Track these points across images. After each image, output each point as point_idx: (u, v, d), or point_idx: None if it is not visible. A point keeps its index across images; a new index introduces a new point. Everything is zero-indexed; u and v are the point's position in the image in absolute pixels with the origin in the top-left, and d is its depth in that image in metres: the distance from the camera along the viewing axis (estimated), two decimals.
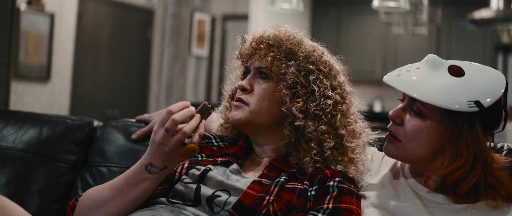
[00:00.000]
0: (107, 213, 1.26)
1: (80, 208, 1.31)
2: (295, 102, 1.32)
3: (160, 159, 1.21)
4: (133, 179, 1.24)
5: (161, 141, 1.18)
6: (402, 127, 1.25)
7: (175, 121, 1.16)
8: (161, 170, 1.23)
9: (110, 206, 1.26)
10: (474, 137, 1.20)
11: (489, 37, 6.85)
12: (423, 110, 1.22)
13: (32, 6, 5.07)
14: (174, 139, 1.17)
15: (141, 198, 1.26)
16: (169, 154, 1.19)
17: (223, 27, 7.65)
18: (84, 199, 1.31)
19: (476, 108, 1.17)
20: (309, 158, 1.30)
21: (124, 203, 1.25)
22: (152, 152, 1.21)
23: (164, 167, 1.23)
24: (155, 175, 1.23)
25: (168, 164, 1.22)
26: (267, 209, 1.20)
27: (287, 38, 1.37)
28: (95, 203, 1.28)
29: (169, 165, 1.23)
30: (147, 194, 1.27)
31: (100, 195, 1.28)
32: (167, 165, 1.22)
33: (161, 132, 1.17)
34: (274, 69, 1.34)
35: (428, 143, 1.23)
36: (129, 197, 1.25)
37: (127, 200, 1.25)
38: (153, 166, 1.22)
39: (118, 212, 1.26)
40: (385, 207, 1.25)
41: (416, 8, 5.65)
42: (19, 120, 1.79)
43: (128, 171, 1.26)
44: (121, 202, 1.25)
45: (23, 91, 5.12)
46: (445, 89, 1.19)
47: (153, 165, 1.22)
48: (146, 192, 1.26)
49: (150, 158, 1.22)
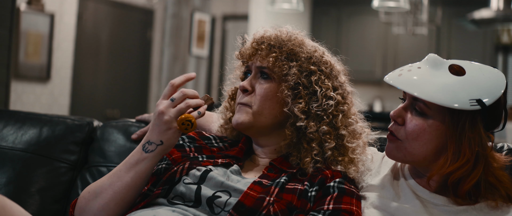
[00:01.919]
0: (105, 200, 1.27)
1: (81, 202, 1.31)
2: (297, 103, 1.32)
3: (158, 131, 1.24)
4: (130, 162, 1.27)
5: (163, 109, 1.22)
6: (403, 127, 1.25)
7: (183, 94, 1.23)
8: (157, 146, 1.25)
9: (108, 193, 1.27)
10: (476, 135, 1.20)
11: (489, 37, 6.85)
12: (425, 109, 1.22)
13: (32, 6, 5.07)
14: (175, 108, 1.22)
15: (137, 182, 1.27)
16: (167, 124, 1.22)
17: (223, 27, 7.65)
18: (84, 193, 1.32)
19: (478, 106, 1.17)
20: (309, 158, 1.30)
21: (122, 188, 1.26)
22: (151, 126, 1.25)
23: (160, 142, 1.24)
24: (151, 154, 1.25)
25: (164, 138, 1.24)
26: (267, 210, 1.20)
27: (288, 38, 1.37)
28: (94, 192, 1.29)
29: (166, 140, 1.24)
30: (143, 178, 1.27)
31: (99, 183, 1.30)
32: (163, 139, 1.24)
33: (165, 101, 1.23)
34: (276, 70, 1.33)
35: (430, 142, 1.22)
36: (126, 179, 1.26)
37: (124, 183, 1.26)
38: (150, 143, 1.25)
39: (116, 198, 1.27)
40: (385, 208, 1.25)
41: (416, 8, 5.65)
42: (19, 120, 1.79)
43: (127, 157, 1.29)
44: (118, 187, 1.26)
45: (23, 91, 5.12)
46: (447, 88, 1.19)
47: (150, 142, 1.25)
48: (142, 175, 1.27)
49: (148, 135, 1.26)
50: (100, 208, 1.28)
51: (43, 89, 5.33)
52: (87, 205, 1.29)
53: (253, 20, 6.63)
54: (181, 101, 1.23)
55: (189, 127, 1.22)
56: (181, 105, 1.22)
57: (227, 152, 1.40)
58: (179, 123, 1.22)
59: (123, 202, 1.28)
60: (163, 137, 1.24)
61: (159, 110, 1.22)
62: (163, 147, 1.25)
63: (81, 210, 1.31)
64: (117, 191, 1.27)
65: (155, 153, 1.25)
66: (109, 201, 1.27)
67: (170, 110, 1.22)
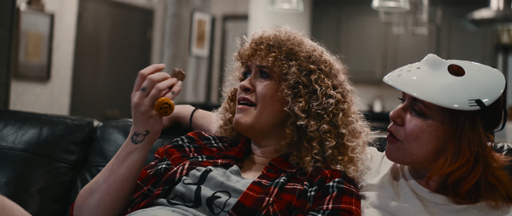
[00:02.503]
0: (100, 195, 1.29)
1: (78, 201, 1.34)
2: (297, 102, 1.32)
3: (141, 123, 1.26)
4: (121, 155, 1.30)
5: (138, 101, 1.24)
6: (402, 128, 1.25)
7: (151, 80, 1.24)
8: (144, 136, 1.28)
9: (103, 188, 1.29)
10: (476, 135, 1.20)
11: (489, 37, 6.85)
12: (424, 109, 1.22)
13: (32, 6, 5.07)
14: (148, 97, 1.24)
15: (131, 174, 1.29)
16: (146, 114, 1.25)
17: (223, 27, 7.65)
18: (81, 192, 1.35)
19: (478, 107, 1.17)
20: (310, 157, 1.30)
21: (115, 181, 1.29)
22: (133, 119, 1.28)
23: (146, 132, 1.27)
24: (140, 144, 1.28)
25: (148, 127, 1.27)
26: (267, 210, 1.20)
27: (287, 38, 1.37)
28: (89, 189, 1.32)
29: (150, 128, 1.27)
30: (136, 169, 1.30)
31: (94, 181, 1.32)
32: (148, 128, 1.27)
33: (138, 93, 1.25)
34: (275, 70, 1.34)
35: (430, 143, 1.23)
36: (119, 173, 1.29)
37: (118, 177, 1.29)
38: (137, 135, 1.28)
39: (111, 193, 1.29)
40: (385, 207, 1.25)
41: (416, 8, 5.65)
42: (19, 120, 1.79)
43: (117, 152, 1.32)
44: (112, 181, 1.29)
45: (23, 91, 5.12)
46: (446, 88, 1.19)
47: (137, 133, 1.28)
48: (135, 166, 1.29)
49: (133, 128, 1.28)
50: (96, 204, 1.29)
51: (43, 89, 5.33)
52: (84, 203, 1.31)
53: (253, 20, 6.63)
54: (151, 87, 1.24)
55: (168, 109, 1.25)
56: (153, 91, 1.24)
57: (227, 152, 1.40)
58: (157, 108, 1.24)
59: (118, 196, 1.30)
60: (147, 126, 1.27)
61: (134, 103, 1.25)
62: (150, 136, 1.29)
63: (78, 209, 1.33)
64: (111, 185, 1.29)
65: (144, 142, 1.29)
66: (104, 196, 1.29)
67: (144, 100, 1.24)
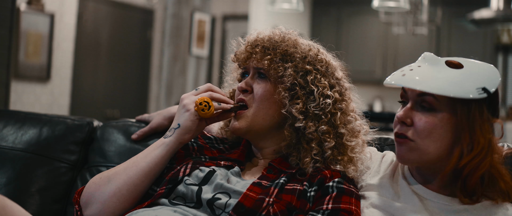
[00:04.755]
0: (118, 185, 1.29)
1: (90, 187, 1.31)
2: (295, 104, 1.31)
3: (177, 116, 1.33)
4: (149, 149, 1.34)
5: (185, 95, 1.33)
6: (412, 127, 1.24)
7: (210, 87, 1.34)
8: (175, 130, 1.32)
9: (122, 177, 1.29)
10: (486, 122, 1.21)
11: (489, 37, 6.85)
12: (434, 104, 1.22)
13: (32, 6, 5.08)
14: (197, 95, 1.32)
15: (152, 169, 1.31)
16: (185, 106, 1.31)
17: (223, 27, 7.65)
18: (95, 179, 1.33)
19: (485, 94, 1.19)
20: (309, 158, 1.30)
21: (136, 173, 1.29)
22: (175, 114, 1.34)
23: (177, 126, 1.32)
24: (169, 139, 1.32)
25: (181, 120, 1.31)
26: (267, 210, 1.20)
27: (282, 39, 1.36)
28: (107, 178, 1.31)
29: (182, 122, 1.31)
30: (159, 165, 1.32)
31: (114, 170, 1.33)
32: (180, 122, 1.32)
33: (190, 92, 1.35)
34: (271, 72, 1.33)
35: (443, 137, 1.22)
36: (142, 165, 1.30)
37: (140, 169, 1.30)
38: (170, 130, 1.34)
39: (130, 184, 1.29)
40: (385, 207, 1.25)
41: (416, 8, 5.65)
42: (19, 120, 1.79)
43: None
44: (134, 172, 1.30)
45: (23, 91, 5.13)
46: (453, 80, 1.20)
47: (170, 128, 1.34)
48: (158, 161, 1.31)
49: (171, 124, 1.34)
50: (112, 193, 1.28)
51: (43, 89, 5.33)
52: (98, 190, 1.29)
53: (253, 20, 6.63)
54: (204, 91, 1.32)
55: (206, 109, 1.29)
56: (203, 93, 1.32)
57: (229, 155, 1.40)
58: (197, 103, 1.29)
59: (136, 190, 1.29)
60: (180, 120, 1.31)
61: (182, 97, 1.33)
62: (180, 130, 1.31)
63: (89, 196, 1.30)
64: (132, 177, 1.29)
65: (172, 137, 1.32)
66: (121, 186, 1.28)
67: (191, 97, 1.32)
